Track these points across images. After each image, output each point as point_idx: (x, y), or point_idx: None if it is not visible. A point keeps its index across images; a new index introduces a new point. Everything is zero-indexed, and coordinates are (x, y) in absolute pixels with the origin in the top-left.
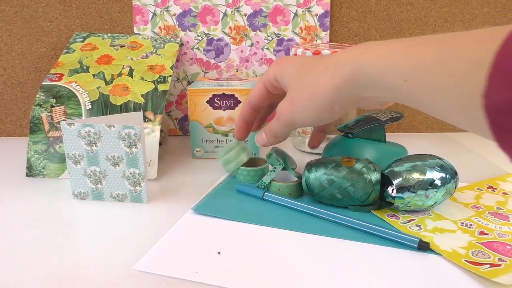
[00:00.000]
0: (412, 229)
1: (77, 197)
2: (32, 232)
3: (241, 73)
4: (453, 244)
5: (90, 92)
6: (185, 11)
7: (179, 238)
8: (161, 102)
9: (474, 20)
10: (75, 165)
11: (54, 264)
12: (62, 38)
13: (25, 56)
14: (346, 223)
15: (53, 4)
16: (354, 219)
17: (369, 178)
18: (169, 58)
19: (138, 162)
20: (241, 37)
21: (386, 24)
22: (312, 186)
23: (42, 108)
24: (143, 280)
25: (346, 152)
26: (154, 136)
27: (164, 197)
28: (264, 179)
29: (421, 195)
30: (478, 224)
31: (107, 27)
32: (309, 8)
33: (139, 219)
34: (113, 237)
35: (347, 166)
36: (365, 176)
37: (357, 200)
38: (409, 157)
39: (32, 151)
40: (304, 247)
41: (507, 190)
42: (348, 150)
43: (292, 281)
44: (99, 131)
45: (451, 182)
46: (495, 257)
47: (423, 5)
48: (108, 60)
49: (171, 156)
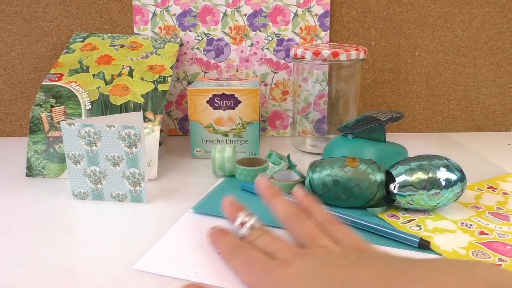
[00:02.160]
0: (412, 229)
1: (77, 197)
2: (32, 232)
3: (241, 73)
4: (453, 244)
5: (90, 92)
6: (185, 11)
7: (179, 238)
8: (161, 102)
9: (474, 20)
10: (75, 165)
11: (54, 264)
12: (62, 38)
13: (25, 56)
14: (348, 222)
15: (53, 4)
16: (356, 218)
17: (374, 179)
18: (169, 58)
19: (138, 162)
20: (241, 37)
21: (386, 24)
22: (317, 186)
23: (42, 108)
24: (143, 280)
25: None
26: (154, 136)
27: (164, 197)
28: (267, 172)
29: (423, 194)
30: (478, 224)
31: (107, 27)
32: (309, 8)
33: (139, 219)
34: (113, 237)
35: (352, 167)
36: (370, 176)
37: (362, 200)
38: (416, 157)
39: (32, 151)
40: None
41: (507, 190)
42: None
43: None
44: (99, 131)
45: (458, 185)
46: (495, 257)
47: (423, 5)
48: (108, 60)
49: (171, 156)
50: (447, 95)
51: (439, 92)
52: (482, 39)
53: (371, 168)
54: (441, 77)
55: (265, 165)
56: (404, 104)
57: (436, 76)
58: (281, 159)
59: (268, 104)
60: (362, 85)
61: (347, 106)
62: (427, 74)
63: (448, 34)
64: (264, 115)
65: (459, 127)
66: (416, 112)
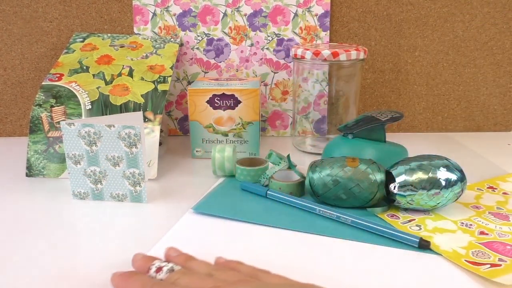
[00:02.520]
0: (412, 229)
1: (77, 197)
2: (32, 232)
3: (241, 73)
4: (453, 244)
5: (90, 92)
6: (185, 11)
7: (179, 238)
8: (161, 102)
9: (474, 20)
10: (75, 165)
11: (54, 264)
12: (62, 38)
13: (25, 56)
14: (348, 222)
15: (53, 4)
16: (356, 218)
17: (374, 179)
18: (169, 58)
19: (138, 162)
20: (241, 37)
21: (386, 24)
22: (317, 186)
23: (42, 108)
24: None
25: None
26: (154, 136)
27: (164, 197)
28: (267, 172)
29: (423, 194)
30: (478, 224)
31: (107, 27)
32: (309, 8)
33: (139, 219)
34: (113, 237)
35: (352, 167)
36: (370, 176)
37: (362, 200)
38: (416, 157)
39: (32, 151)
40: (304, 247)
41: (507, 190)
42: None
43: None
44: (99, 131)
45: (458, 185)
46: (495, 257)
47: (423, 5)
48: (108, 60)
49: (171, 156)
50: (447, 95)
51: (439, 92)
52: (482, 39)
53: (371, 168)
54: (441, 77)
55: (265, 165)
56: (404, 104)
57: (436, 76)
58: (281, 159)
59: (268, 104)
60: (362, 85)
61: (347, 106)
62: (427, 74)
63: (448, 34)
64: (264, 115)
65: (459, 127)
66: (416, 112)
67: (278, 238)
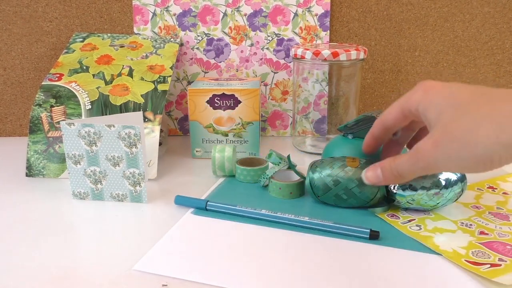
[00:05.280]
0: (412, 229)
1: (77, 197)
2: (32, 232)
3: (241, 73)
4: (453, 244)
5: (89, 92)
6: (185, 11)
7: (179, 238)
8: (161, 102)
9: (474, 20)
10: (75, 165)
11: (54, 264)
12: (62, 38)
13: (25, 56)
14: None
15: (53, 4)
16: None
17: None
18: (169, 58)
19: (138, 162)
20: (241, 37)
21: (386, 24)
22: (317, 187)
23: (41, 108)
24: (143, 280)
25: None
26: (154, 136)
27: (164, 197)
28: (267, 172)
29: (423, 193)
30: (478, 224)
31: (107, 27)
32: (309, 8)
33: (139, 219)
34: (113, 237)
35: (352, 167)
36: None
37: (363, 200)
38: None
39: (32, 151)
40: (304, 247)
41: (507, 190)
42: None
43: (293, 280)
44: (99, 131)
45: (458, 185)
46: (495, 257)
47: (423, 5)
48: (108, 60)
49: (171, 156)
50: None
51: None
52: (482, 39)
53: None
54: (441, 77)
55: (265, 165)
56: None
57: (436, 76)
58: (281, 159)
59: (268, 104)
60: (362, 85)
61: (347, 106)
62: (427, 74)
63: (448, 34)
64: (264, 115)
65: None
66: None
67: (278, 238)
